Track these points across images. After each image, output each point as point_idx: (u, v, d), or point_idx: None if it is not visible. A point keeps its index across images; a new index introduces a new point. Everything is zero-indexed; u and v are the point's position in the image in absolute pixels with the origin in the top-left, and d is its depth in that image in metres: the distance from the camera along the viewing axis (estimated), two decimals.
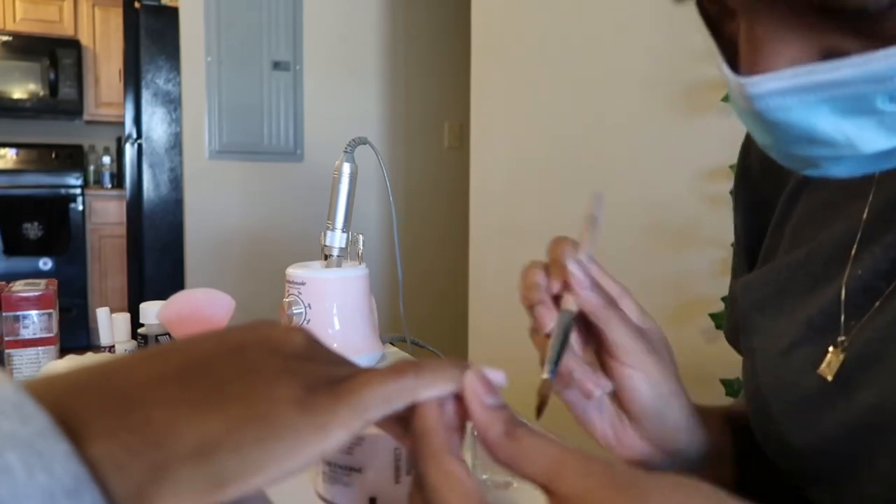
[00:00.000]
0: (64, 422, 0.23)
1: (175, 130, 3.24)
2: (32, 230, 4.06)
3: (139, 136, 3.24)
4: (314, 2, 2.68)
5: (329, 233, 0.91)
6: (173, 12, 2.75)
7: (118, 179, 4.44)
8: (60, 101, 4.19)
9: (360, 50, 2.80)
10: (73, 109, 4.25)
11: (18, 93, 4.11)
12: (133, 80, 3.21)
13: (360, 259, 0.93)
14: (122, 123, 3.34)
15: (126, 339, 0.87)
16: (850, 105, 0.29)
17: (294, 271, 0.88)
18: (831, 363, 0.41)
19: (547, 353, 0.39)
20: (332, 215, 0.92)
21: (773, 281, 0.49)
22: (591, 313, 0.41)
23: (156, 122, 3.24)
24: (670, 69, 1.45)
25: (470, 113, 2.08)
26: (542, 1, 1.80)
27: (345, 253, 0.92)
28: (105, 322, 0.85)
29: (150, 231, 3.31)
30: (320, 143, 2.71)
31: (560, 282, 0.41)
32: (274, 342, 0.30)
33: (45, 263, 4.06)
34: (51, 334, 0.85)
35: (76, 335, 3.90)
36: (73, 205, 4.11)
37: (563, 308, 0.41)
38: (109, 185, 4.47)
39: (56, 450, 0.22)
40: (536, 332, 0.42)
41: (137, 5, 3.12)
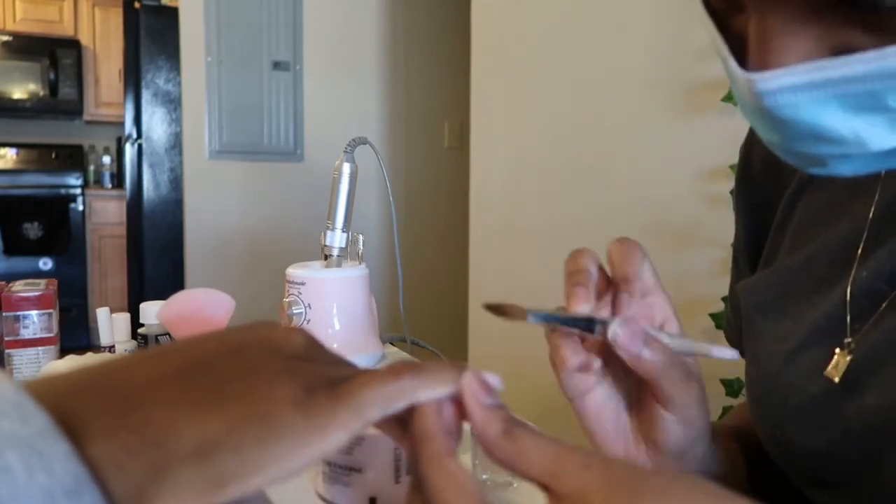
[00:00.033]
0: (64, 422, 0.23)
1: (175, 130, 3.24)
2: (32, 230, 4.06)
3: (139, 136, 3.24)
4: (314, 2, 2.68)
5: (329, 233, 0.91)
6: (173, 12, 2.75)
7: (118, 179, 4.44)
8: (60, 101, 4.19)
9: (360, 50, 2.80)
10: (73, 109, 4.25)
11: (18, 93, 4.11)
12: (133, 80, 3.21)
13: (360, 259, 0.93)
14: (122, 123, 3.34)
15: (126, 339, 0.87)
16: (861, 102, 0.28)
17: (294, 271, 0.88)
18: (838, 365, 0.41)
19: (552, 309, 0.38)
20: (332, 215, 0.92)
21: (775, 283, 0.48)
22: (650, 375, 0.38)
23: (156, 122, 3.24)
24: (670, 69, 1.45)
25: (470, 113, 2.08)
26: (542, 1, 1.80)
27: (345, 253, 0.92)
28: (105, 322, 0.85)
29: (150, 231, 3.31)
30: (320, 143, 2.71)
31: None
32: (274, 343, 0.30)
33: (45, 263, 4.06)
34: (51, 334, 0.85)
35: (76, 335, 3.90)
36: (73, 205, 4.11)
37: (602, 317, 0.37)
38: (109, 185, 4.47)
39: (56, 450, 0.22)
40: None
41: (137, 5, 3.12)
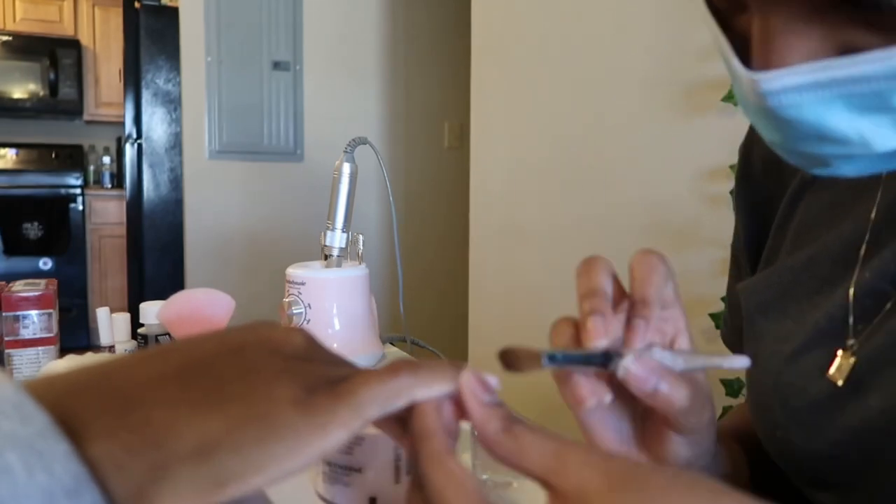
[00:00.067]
0: (64, 422, 0.23)
1: (175, 130, 3.24)
2: (32, 230, 4.05)
3: (139, 136, 3.24)
4: (314, 2, 2.68)
5: (329, 233, 0.91)
6: (173, 12, 2.75)
7: (118, 179, 4.43)
8: (60, 101, 4.19)
9: (360, 50, 2.80)
10: (73, 109, 4.25)
11: (18, 93, 4.11)
12: (133, 80, 3.21)
13: (360, 259, 0.93)
14: (122, 123, 3.34)
15: (126, 339, 0.87)
16: (866, 102, 0.28)
17: (294, 271, 0.88)
18: (841, 367, 0.41)
19: (562, 346, 0.37)
20: (332, 215, 0.92)
21: (776, 284, 0.48)
22: (664, 410, 0.36)
23: (156, 122, 3.24)
24: (670, 69, 1.45)
25: (470, 113, 2.08)
26: (542, 1, 1.80)
27: (345, 253, 0.92)
28: (105, 322, 0.85)
29: (150, 231, 3.31)
30: (320, 143, 2.71)
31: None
32: (274, 343, 0.30)
33: (45, 263, 4.06)
34: (51, 334, 0.85)
35: (76, 335, 3.90)
36: (73, 205, 4.11)
37: (617, 350, 0.35)
38: (109, 185, 4.47)
39: (56, 450, 0.22)
40: (561, 331, 0.37)
41: (137, 5, 3.12)
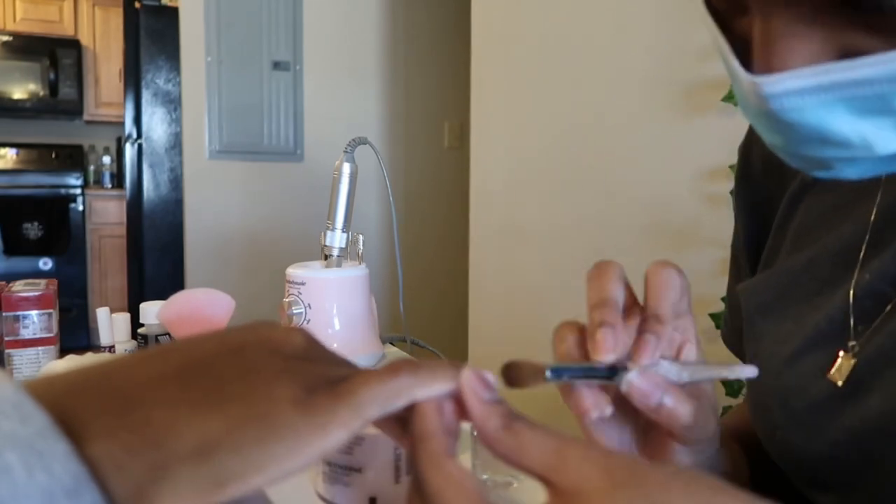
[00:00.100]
0: (64, 422, 0.23)
1: (175, 130, 3.24)
2: (32, 230, 4.06)
3: (139, 136, 3.24)
4: (314, 2, 2.68)
5: (329, 233, 0.91)
6: (173, 12, 2.74)
7: (118, 179, 4.43)
8: (60, 101, 4.19)
9: (360, 50, 2.80)
10: (73, 109, 4.25)
11: (18, 93, 4.11)
12: (133, 80, 3.21)
13: (360, 259, 0.93)
14: (122, 123, 3.34)
15: (126, 339, 0.87)
16: (869, 105, 0.28)
17: (294, 271, 0.88)
18: (842, 368, 0.41)
19: (564, 353, 0.37)
20: (332, 215, 0.92)
21: (776, 285, 0.48)
22: (668, 425, 0.36)
23: (156, 122, 3.24)
24: (670, 69, 1.45)
25: (470, 113, 2.08)
26: (542, 1, 1.80)
27: (345, 253, 0.92)
28: (105, 322, 0.85)
29: (150, 231, 3.31)
30: (320, 143, 2.71)
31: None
32: (274, 343, 0.30)
33: (45, 263, 4.06)
34: (51, 334, 0.85)
35: (76, 335, 3.90)
36: (73, 205, 4.11)
37: (624, 364, 0.35)
38: (109, 185, 4.47)
39: (56, 449, 0.22)
40: (564, 337, 0.38)
41: (137, 5, 3.12)
